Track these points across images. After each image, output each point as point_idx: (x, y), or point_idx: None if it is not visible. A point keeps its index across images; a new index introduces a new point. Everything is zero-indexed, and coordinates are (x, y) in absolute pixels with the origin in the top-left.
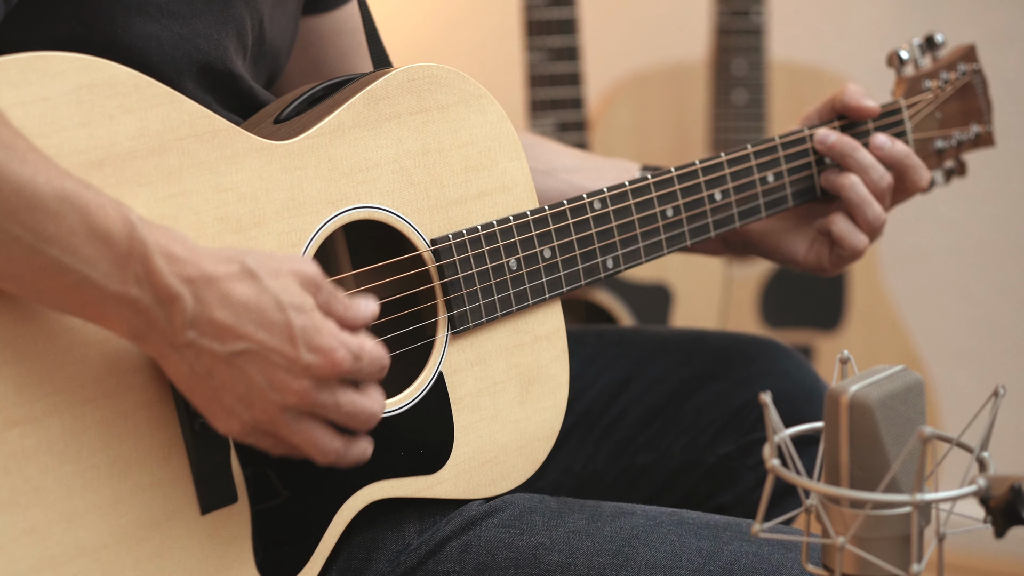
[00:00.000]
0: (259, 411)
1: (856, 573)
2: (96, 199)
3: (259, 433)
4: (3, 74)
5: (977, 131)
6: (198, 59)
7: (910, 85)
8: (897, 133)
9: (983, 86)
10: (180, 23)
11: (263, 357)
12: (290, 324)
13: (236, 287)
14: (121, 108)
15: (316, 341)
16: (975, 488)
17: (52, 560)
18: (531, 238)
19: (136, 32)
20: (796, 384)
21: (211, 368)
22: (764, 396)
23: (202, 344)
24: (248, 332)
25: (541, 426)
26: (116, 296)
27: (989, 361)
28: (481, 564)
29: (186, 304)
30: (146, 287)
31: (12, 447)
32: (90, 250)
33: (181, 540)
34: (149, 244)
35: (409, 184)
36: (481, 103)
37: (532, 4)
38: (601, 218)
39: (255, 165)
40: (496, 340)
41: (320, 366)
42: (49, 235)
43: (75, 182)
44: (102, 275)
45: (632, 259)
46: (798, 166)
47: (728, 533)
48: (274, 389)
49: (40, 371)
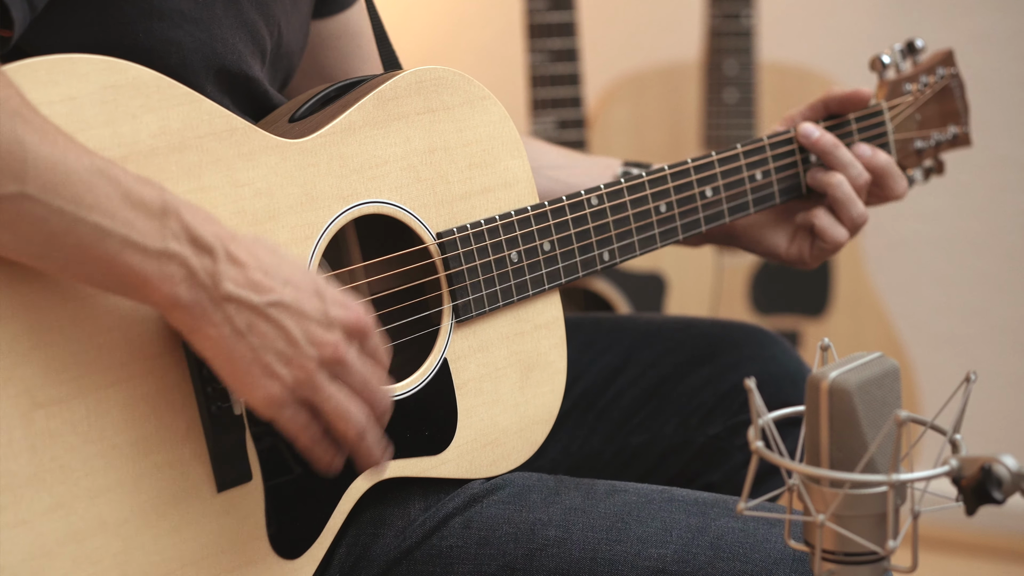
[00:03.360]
0: (297, 367)
1: (835, 549)
2: (125, 173)
3: (295, 404)
4: (32, 75)
5: (955, 132)
6: (216, 63)
7: (891, 88)
8: (879, 134)
9: (960, 89)
10: (200, 29)
11: (297, 308)
12: (314, 279)
13: (258, 247)
14: (144, 107)
15: (339, 297)
16: (948, 468)
17: (76, 534)
18: (532, 232)
19: (157, 37)
20: (782, 369)
21: (250, 322)
22: (748, 381)
23: (241, 296)
24: (278, 286)
25: (540, 410)
26: (158, 253)
27: (966, 346)
28: (482, 539)
29: (220, 256)
30: (183, 240)
31: (39, 427)
32: (128, 212)
33: (198, 516)
34: (179, 203)
35: (416, 180)
36: (485, 104)
37: (534, 8)
38: (598, 213)
39: (270, 162)
40: (498, 328)
41: (347, 319)
42: (89, 203)
43: (104, 159)
44: (142, 234)
45: (627, 252)
46: (785, 164)
47: (716, 509)
48: (310, 342)
49: (66, 356)
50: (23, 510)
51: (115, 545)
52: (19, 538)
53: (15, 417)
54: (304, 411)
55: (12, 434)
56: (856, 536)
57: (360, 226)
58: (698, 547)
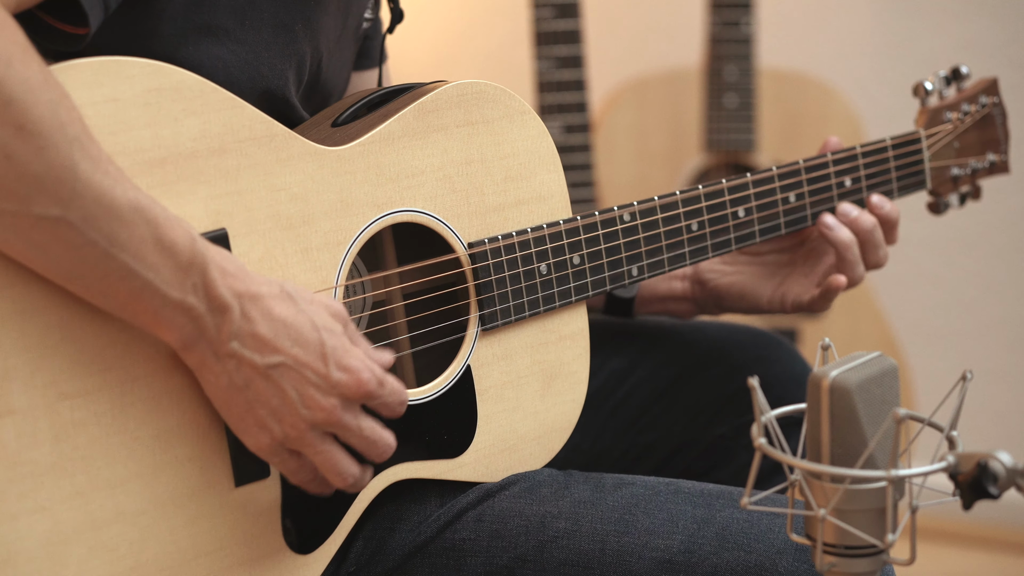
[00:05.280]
0: (288, 426)
1: (836, 542)
2: (164, 213)
3: (284, 452)
4: (78, 76)
5: (992, 160)
6: (261, 85)
7: (931, 116)
8: (915, 161)
9: (1002, 117)
10: (247, 50)
11: (297, 372)
12: (323, 343)
13: (277, 305)
14: (186, 111)
15: (345, 361)
16: (945, 464)
17: (94, 522)
18: (562, 246)
19: (205, 52)
20: (786, 371)
21: (249, 379)
22: (752, 380)
23: (243, 355)
24: (285, 347)
25: (559, 418)
26: (174, 303)
27: (960, 344)
28: (494, 531)
29: (234, 315)
30: (202, 296)
31: (63, 418)
32: (156, 258)
33: (214, 510)
34: (208, 257)
35: (452, 191)
36: (524, 119)
37: (540, 16)
38: (629, 230)
39: (308, 168)
40: (523, 337)
41: (348, 384)
42: (122, 241)
43: (147, 196)
44: (164, 282)
45: (656, 268)
46: (819, 188)
47: (720, 501)
48: (305, 405)
49: (94, 350)
50: (43, 497)
51: (131, 534)
52: (38, 524)
53: (41, 407)
54: (295, 458)
55: (37, 423)
56: (856, 530)
57: (397, 233)
58: (703, 538)
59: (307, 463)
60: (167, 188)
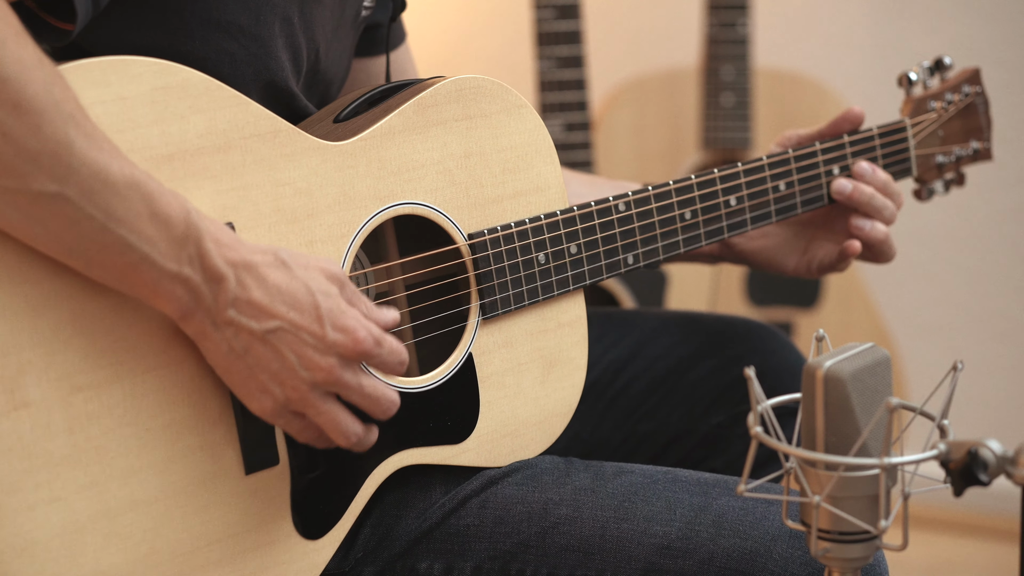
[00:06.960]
0: (290, 388)
1: (830, 528)
2: (159, 187)
3: (288, 414)
4: (86, 75)
5: (976, 147)
6: (266, 77)
7: (916, 105)
8: (901, 150)
9: (985, 106)
10: (256, 43)
11: (294, 335)
12: (317, 305)
13: (271, 272)
14: (192, 109)
15: (341, 321)
16: (936, 452)
17: (108, 512)
18: (559, 235)
19: (213, 46)
20: (782, 362)
21: (248, 346)
22: (748, 370)
23: (241, 322)
24: (280, 312)
25: (559, 404)
26: (171, 274)
27: (950, 335)
28: (497, 518)
29: (230, 284)
30: (197, 267)
31: (77, 410)
32: (152, 231)
33: (225, 497)
34: (201, 229)
35: (451, 184)
36: (521, 112)
37: (542, 17)
38: (625, 219)
39: (311, 163)
40: (522, 325)
41: (344, 344)
42: (119, 216)
43: (142, 172)
44: (160, 254)
45: (651, 256)
46: (808, 176)
47: (717, 489)
48: (304, 367)
49: (106, 342)
50: (58, 487)
51: (145, 522)
52: (53, 514)
53: (55, 400)
54: (299, 419)
55: (51, 416)
56: (850, 516)
57: (399, 225)
58: (701, 524)
59: (311, 423)
60: (175, 184)
